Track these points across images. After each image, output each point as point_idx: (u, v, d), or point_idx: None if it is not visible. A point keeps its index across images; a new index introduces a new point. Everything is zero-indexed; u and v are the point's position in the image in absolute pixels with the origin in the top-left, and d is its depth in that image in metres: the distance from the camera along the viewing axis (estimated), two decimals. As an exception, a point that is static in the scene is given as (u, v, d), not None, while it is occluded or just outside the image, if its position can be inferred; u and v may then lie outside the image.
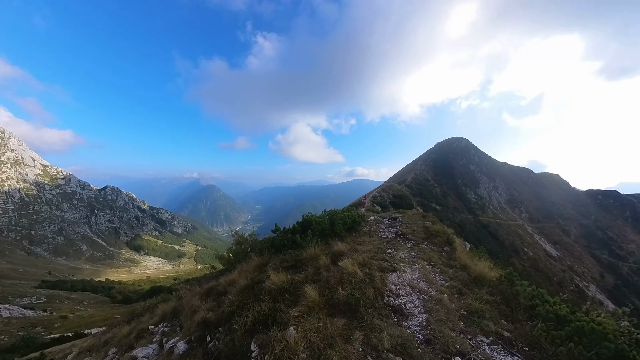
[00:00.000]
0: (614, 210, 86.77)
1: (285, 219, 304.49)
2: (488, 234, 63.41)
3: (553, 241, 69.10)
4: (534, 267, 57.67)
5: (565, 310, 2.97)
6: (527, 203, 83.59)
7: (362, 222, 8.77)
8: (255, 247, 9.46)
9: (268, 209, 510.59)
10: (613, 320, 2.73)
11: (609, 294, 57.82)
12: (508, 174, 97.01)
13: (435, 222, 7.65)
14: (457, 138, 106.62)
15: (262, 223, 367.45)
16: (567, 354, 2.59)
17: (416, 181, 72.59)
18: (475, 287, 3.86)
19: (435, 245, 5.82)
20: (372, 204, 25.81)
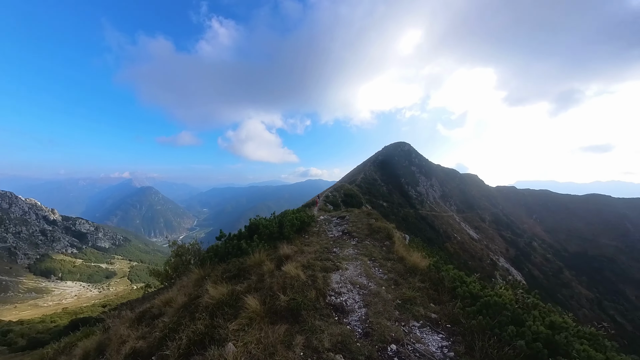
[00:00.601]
0: (514, 200, 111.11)
1: (236, 222, 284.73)
2: (426, 224, 71.98)
3: (474, 227, 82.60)
4: (462, 249, 68.04)
5: (477, 289, 3.47)
6: (455, 198, 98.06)
7: (311, 223, 8.85)
8: (198, 258, 8.58)
9: (217, 212, 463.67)
10: (511, 292, 3.32)
11: (512, 262, 72.47)
12: (441, 174, 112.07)
13: (378, 219, 8.24)
14: (401, 143, 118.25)
15: (211, 229, 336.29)
16: (477, 325, 3.02)
17: (365, 181, 77.62)
18: (410, 276, 4.26)
19: (377, 240, 6.25)
20: (324, 204, 26.50)
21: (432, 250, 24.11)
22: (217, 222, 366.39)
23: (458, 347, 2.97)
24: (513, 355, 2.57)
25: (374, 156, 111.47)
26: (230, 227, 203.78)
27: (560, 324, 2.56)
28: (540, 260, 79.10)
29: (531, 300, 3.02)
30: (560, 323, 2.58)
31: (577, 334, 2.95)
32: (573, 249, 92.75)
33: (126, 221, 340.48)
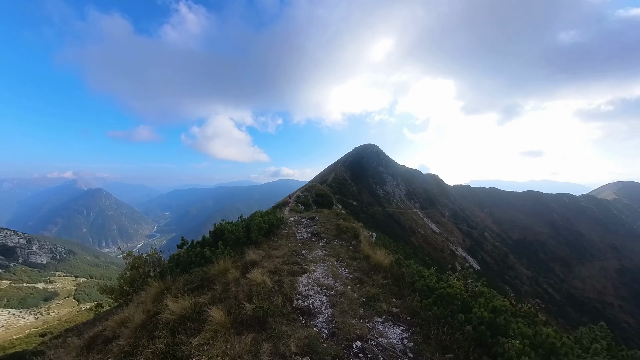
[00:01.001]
0: (468, 197, 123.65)
1: (202, 226, 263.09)
2: (393, 221, 76.02)
3: (435, 222, 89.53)
4: (425, 242, 73.28)
5: (433, 282, 3.78)
6: (418, 196, 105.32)
7: (281, 225, 8.74)
8: (158, 269, 7.81)
9: (181, 216, 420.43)
10: (461, 282, 3.67)
11: (468, 251, 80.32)
12: (406, 174, 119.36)
13: (346, 219, 8.48)
14: (370, 144, 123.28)
15: (173, 234, 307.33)
16: (433, 316, 3.29)
17: (336, 181, 79.30)
18: (374, 274, 4.47)
19: (344, 240, 6.42)
20: (296, 204, 26.35)
21: (398, 245, 25.42)
22: (181, 227, 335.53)
23: (416, 337, 3.20)
24: (463, 339, 2.86)
25: (344, 157, 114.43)
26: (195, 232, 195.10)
27: (501, 307, 2.93)
28: (490, 248, 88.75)
29: (478, 289, 3.39)
30: (501, 306, 2.95)
31: (514, 314, 3.40)
32: (515, 237, 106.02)
33: (69, 230, 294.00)
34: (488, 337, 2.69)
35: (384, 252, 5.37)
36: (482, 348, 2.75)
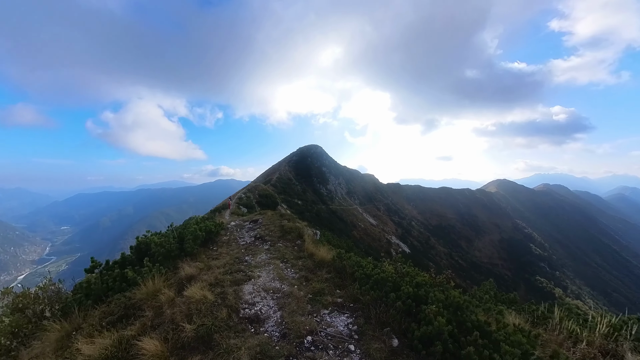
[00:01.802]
0: (398, 193, 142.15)
1: (120, 241, 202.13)
2: (337, 217, 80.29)
3: (373, 215, 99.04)
4: (365, 234, 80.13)
5: (370, 269, 4.23)
6: (358, 193, 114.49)
7: (220, 231, 8.15)
8: (59, 305, 5.92)
9: (87, 230, 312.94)
10: (392, 267, 4.24)
11: (400, 239, 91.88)
12: (347, 174, 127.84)
13: (290, 220, 8.55)
14: (314, 145, 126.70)
15: (78, 255, 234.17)
16: (371, 299, 3.70)
17: (281, 180, 78.53)
18: (318, 270, 4.70)
19: (289, 241, 6.49)
20: (237, 206, 24.69)
21: (341, 240, 26.95)
22: (88, 245, 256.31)
23: (359, 320, 3.56)
24: (395, 313, 3.35)
25: (289, 156, 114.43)
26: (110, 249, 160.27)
27: (422, 282, 3.56)
28: (417, 234, 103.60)
29: (405, 270, 4.00)
30: (422, 281, 3.59)
31: (433, 285, 4.14)
32: (434, 223, 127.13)
33: None
34: (414, 308, 3.23)
35: (327, 248, 5.68)
36: (411, 317, 3.29)
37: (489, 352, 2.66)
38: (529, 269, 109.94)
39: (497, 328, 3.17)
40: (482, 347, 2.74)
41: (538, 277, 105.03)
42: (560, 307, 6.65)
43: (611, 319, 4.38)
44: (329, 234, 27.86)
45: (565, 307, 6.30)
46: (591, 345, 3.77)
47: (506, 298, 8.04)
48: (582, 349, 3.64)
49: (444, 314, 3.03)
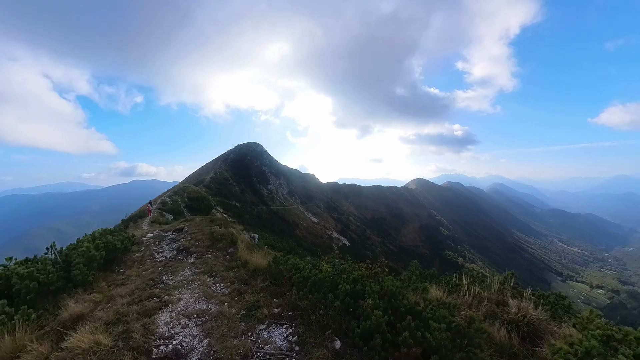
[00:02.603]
0: (337, 191, 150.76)
1: None
2: (279, 218, 78.75)
3: (314, 214, 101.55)
4: (308, 232, 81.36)
5: (308, 271, 3.99)
6: (299, 193, 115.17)
7: (131, 247, 6.56)
8: None
9: None
10: (330, 265, 4.11)
11: (341, 233, 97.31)
12: (288, 174, 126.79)
13: (223, 225, 7.60)
14: (254, 143, 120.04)
15: None
16: (309, 303, 3.45)
17: (216, 181, 71.70)
18: (253, 279, 4.20)
19: (219, 250, 5.68)
20: (160, 213, 20.79)
21: (283, 240, 26.40)
22: None
23: (299, 328, 3.27)
24: (335, 314, 3.20)
25: (226, 154, 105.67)
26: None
27: (358, 277, 3.53)
28: (355, 228, 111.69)
29: (343, 266, 3.93)
30: (358, 276, 3.55)
31: (369, 276, 4.21)
32: (369, 217, 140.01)
33: None
34: (352, 304, 3.15)
35: (263, 253, 5.20)
36: (350, 314, 3.20)
37: (421, 332, 2.78)
38: (440, 247, 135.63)
39: (425, 306, 3.41)
40: (415, 329, 2.85)
41: (447, 252, 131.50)
42: (466, 275, 8.01)
43: (499, 277, 5.58)
44: (269, 236, 26.83)
45: (471, 275, 7.66)
46: (490, 300, 4.61)
47: (428, 274, 9.28)
48: (485, 305, 4.39)
49: (380, 305, 3.05)
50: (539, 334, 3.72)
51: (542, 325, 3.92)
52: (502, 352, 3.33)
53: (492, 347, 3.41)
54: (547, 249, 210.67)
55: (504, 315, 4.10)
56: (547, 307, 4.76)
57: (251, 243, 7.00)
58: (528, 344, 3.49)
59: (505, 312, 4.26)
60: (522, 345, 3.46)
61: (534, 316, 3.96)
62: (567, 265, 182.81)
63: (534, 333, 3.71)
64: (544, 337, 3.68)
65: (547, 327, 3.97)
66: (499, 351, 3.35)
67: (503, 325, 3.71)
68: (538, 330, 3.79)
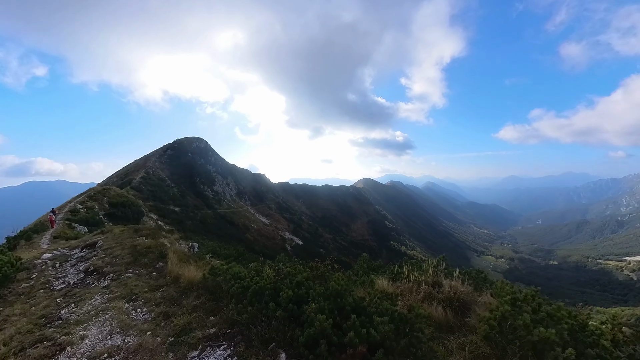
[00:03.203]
0: (288, 191, 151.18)
1: None
2: (227, 222, 73.52)
3: (265, 215, 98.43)
4: (260, 235, 78.30)
5: (249, 280, 3.66)
6: (249, 194, 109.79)
7: (14, 275, 4.98)
8: None
9: None
10: (273, 270, 3.88)
11: (294, 233, 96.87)
12: (236, 173, 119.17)
13: (151, 235, 6.48)
14: (197, 138, 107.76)
15: None
16: (249, 316, 3.15)
17: (149, 181, 62.16)
18: (185, 297, 3.63)
19: (144, 267, 4.79)
20: (68, 225, 16.56)
21: (230, 247, 24.80)
22: None
23: (239, 347, 2.95)
24: (278, 324, 2.98)
25: (161, 149, 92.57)
26: None
27: (302, 281, 3.40)
28: (307, 227, 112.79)
29: (287, 270, 3.75)
30: (302, 279, 3.42)
31: (315, 278, 4.14)
32: (320, 216, 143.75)
33: None
34: (296, 311, 2.99)
35: (201, 264, 4.62)
36: (295, 322, 3.02)
37: (366, 328, 2.81)
38: (386, 238, 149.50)
39: (370, 300, 3.52)
40: (360, 327, 2.86)
41: (392, 242, 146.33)
42: (406, 263, 8.80)
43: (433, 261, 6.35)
44: (215, 243, 24.61)
45: (410, 262, 8.45)
46: (427, 283, 5.14)
47: (375, 266, 9.90)
48: (423, 288, 4.86)
49: (325, 307, 2.98)
50: (468, 306, 4.30)
51: (469, 298, 4.56)
52: (441, 328, 3.72)
53: (432, 325, 3.78)
54: (466, 232, 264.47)
55: (440, 295, 4.60)
56: (471, 281, 5.60)
57: (188, 254, 6.17)
58: (460, 316, 3.98)
59: (440, 291, 4.80)
60: (455, 318, 3.93)
61: (462, 292, 4.58)
62: (480, 243, 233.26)
63: (464, 306, 4.26)
64: (471, 308, 4.31)
65: (472, 299, 4.64)
66: (438, 328, 3.73)
67: (439, 304, 4.15)
68: (467, 303, 4.38)
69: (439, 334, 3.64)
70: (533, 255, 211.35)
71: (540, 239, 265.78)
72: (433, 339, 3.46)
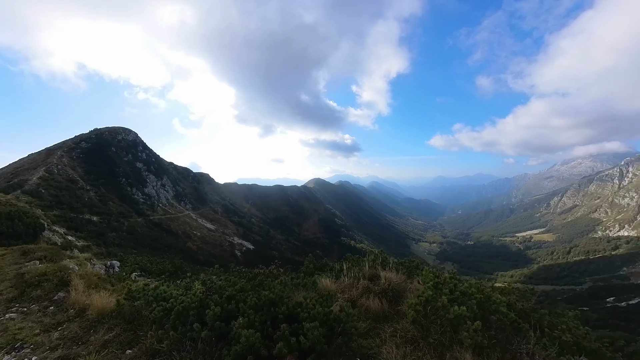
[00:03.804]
0: (236, 192, 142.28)
1: None
2: (162, 230, 64.87)
3: (210, 220, 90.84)
4: (204, 242, 71.60)
5: (173, 300, 3.32)
6: (189, 196, 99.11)
7: None
8: None
9: None
10: (203, 285, 3.68)
11: (243, 237, 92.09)
12: (174, 173, 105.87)
13: (47, 257, 5.21)
14: (124, 129, 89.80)
15: None
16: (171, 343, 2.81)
17: (51, 183, 49.66)
18: (93, 333, 3.10)
19: (36, 301, 3.86)
20: None
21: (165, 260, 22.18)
22: None
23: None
24: (204, 346, 2.79)
25: (73, 140, 75.10)
26: None
27: (233, 294, 3.31)
28: (258, 229, 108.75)
29: (219, 284, 3.61)
30: (234, 292, 3.34)
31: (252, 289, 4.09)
32: (271, 217, 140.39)
33: None
34: (224, 328, 2.87)
35: (119, 287, 4.02)
36: (223, 340, 2.85)
37: (296, 337, 2.85)
38: (337, 234, 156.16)
39: (305, 305, 3.64)
40: (290, 335, 2.89)
41: (342, 238, 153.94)
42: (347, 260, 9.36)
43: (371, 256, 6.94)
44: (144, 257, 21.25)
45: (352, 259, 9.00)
46: (365, 278, 5.56)
47: (321, 265, 10.22)
48: (362, 283, 5.24)
49: (256, 320, 2.97)
50: (401, 294, 4.76)
51: (402, 287, 5.11)
52: (377, 319, 4.05)
53: (370, 317, 4.11)
54: (406, 224, 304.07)
55: (376, 287, 5.03)
56: (404, 270, 6.30)
57: (104, 276, 5.25)
58: (394, 305, 4.38)
59: (377, 284, 5.27)
60: (390, 307, 4.34)
61: (395, 282, 5.10)
62: (417, 232, 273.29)
63: (397, 295, 4.72)
64: (404, 295, 4.76)
65: (405, 287, 5.22)
66: (375, 319, 4.06)
67: (376, 296, 4.53)
68: (400, 291, 4.84)
69: (376, 324, 4.00)
70: (456, 238, 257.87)
71: (460, 225, 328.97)
72: (370, 331, 3.78)
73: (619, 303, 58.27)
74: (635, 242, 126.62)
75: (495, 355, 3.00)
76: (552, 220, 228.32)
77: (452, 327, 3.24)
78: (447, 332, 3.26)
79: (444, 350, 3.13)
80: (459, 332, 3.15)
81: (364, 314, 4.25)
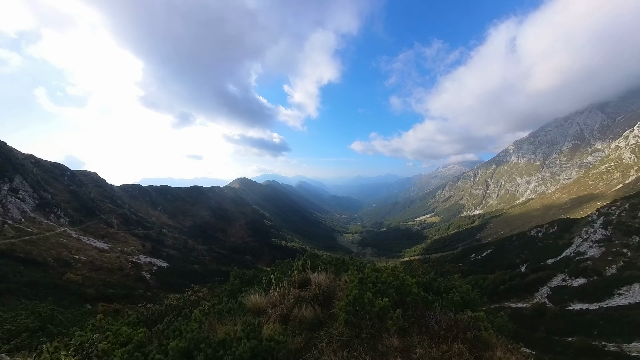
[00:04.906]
0: (139, 197, 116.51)
1: None
2: (16, 261, 46.21)
3: (101, 236, 71.19)
4: (93, 269, 55.24)
5: None
6: (65, 205, 74.12)
7: None
8: None
9: None
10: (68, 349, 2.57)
11: (152, 254, 76.31)
12: (37, 172, 76.59)
13: None
14: None
15: None
16: None
17: None
18: None
19: None
20: None
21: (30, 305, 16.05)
22: None
23: None
24: None
25: None
26: None
27: (128, 357, 2.44)
28: (171, 242, 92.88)
29: (100, 348, 2.59)
30: (128, 356, 2.46)
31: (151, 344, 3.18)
32: (189, 224, 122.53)
33: None
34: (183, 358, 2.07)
35: None
36: None
37: None
38: (267, 236, 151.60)
39: (228, 343, 3.07)
40: None
41: (273, 239, 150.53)
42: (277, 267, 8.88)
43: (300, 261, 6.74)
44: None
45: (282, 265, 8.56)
46: (295, 287, 5.32)
47: (249, 277, 9.30)
48: (293, 293, 4.96)
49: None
50: (332, 295, 4.72)
51: (331, 288, 5.08)
52: (313, 327, 3.82)
53: (305, 327, 3.85)
54: (331, 219, 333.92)
55: (308, 294, 4.83)
56: (332, 269, 6.37)
57: None
58: (327, 308, 4.27)
59: (308, 290, 5.08)
60: (323, 312, 4.19)
61: (325, 286, 5.03)
62: (341, 225, 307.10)
63: (329, 297, 4.66)
64: (335, 295, 4.71)
65: (335, 286, 5.22)
66: (310, 328, 3.81)
67: (308, 303, 4.33)
68: (331, 293, 4.78)
69: (312, 333, 3.78)
70: (373, 227, 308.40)
71: (375, 216, 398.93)
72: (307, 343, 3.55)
73: (477, 257, 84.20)
74: (482, 217, 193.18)
75: (414, 331, 3.45)
76: (437, 207, 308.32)
77: (379, 317, 3.48)
78: (375, 324, 3.48)
79: (375, 342, 3.34)
80: (384, 320, 3.42)
81: (299, 325, 4.04)
